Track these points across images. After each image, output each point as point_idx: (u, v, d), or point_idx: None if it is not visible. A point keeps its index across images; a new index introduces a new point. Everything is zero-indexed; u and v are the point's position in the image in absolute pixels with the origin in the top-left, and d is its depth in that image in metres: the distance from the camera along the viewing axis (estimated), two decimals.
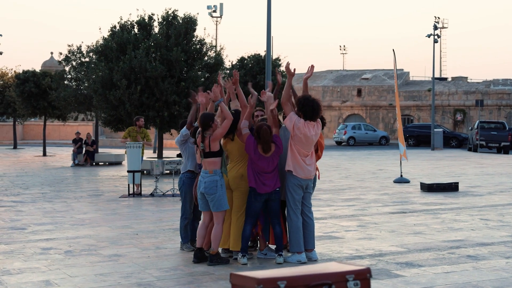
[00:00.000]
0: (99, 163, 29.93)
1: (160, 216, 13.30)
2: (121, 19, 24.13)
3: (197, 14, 24.22)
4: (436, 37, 45.05)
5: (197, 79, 23.07)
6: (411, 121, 56.41)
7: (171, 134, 29.27)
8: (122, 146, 28.36)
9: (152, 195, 16.75)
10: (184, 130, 9.63)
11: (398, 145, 21.13)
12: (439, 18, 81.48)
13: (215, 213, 8.68)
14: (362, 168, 26.43)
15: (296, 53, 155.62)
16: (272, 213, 8.84)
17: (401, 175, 20.48)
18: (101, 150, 34.95)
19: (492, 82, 57.13)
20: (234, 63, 33.55)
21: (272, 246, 9.32)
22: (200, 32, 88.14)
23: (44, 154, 36.17)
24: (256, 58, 32.29)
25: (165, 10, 24.15)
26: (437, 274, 8.05)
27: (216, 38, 75.45)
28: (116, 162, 29.91)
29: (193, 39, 23.89)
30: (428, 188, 17.33)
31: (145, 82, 22.62)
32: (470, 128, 46.56)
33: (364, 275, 3.30)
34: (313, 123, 8.82)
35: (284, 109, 8.91)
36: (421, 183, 17.96)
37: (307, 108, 8.70)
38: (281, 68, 33.14)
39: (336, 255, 9.25)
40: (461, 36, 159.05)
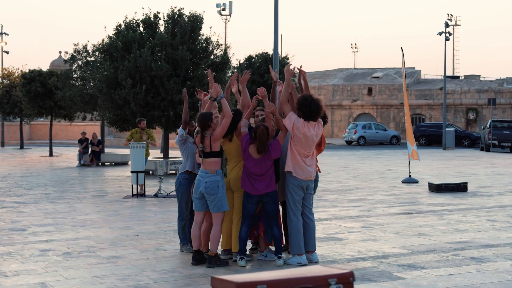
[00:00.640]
0: (105, 163, 30.00)
1: (162, 217, 13.29)
2: (126, 17, 24.17)
3: (203, 12, 24.23)
4: (447, 35, 44.83)
5: (203, 78, 23.02)
6: (423, 120, 56.22)
7: (177, 134, 29.28)
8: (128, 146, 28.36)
9: (156, 195, 16.76)
10: (180, 130, 9.62)
11: (407, 144, 21.04)
12: (451, 15, 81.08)
13: (215, 214, 8.65)
14: (371, 168, 26.36)
15: (307, 52, 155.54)
16: (268, 215, 8.80)
17: (410, 175, 20.40)
18: (107, 150, 35.03)
19: (505, 81, 56.83)
20: (242, 61, 33.53)
21: (273, 247, 9.29)
22: (206, 30, 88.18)
23: (51, 154, 36.26)
24: (264, 57, 32.27)
25: (171, 8, 24.17)
26: (439, 277, 8.00)
27: (225, 36, 75.51)
28: (122, 162, 29.97)
29: (199, 37, 23.88)
30: (436, 188, 17.25)
31: (150, 82, 22.64)
32: (482, 127, 46.35)
33: (347, 279, 3.27)
34: (314, 123, 8.78)
35: (284, 109, 8.88)
36: (429, 183, 17.89)
37: (304, 108, 8.68)
38: (291, 67, 33.14)
39: (337, 257, 9.21)
40: (474, 33, 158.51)
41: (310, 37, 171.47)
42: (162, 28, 24.13)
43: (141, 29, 24.21)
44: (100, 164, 29.67)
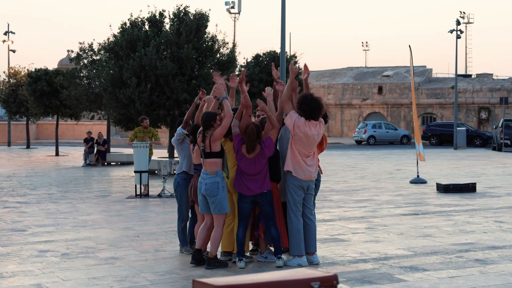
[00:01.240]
0: (111, 163, 30.02)
1: (164, 217, 13.28)
2: (131, 15, 24.19)
3: (209, 10, 24.20)
4: (459, 33, 44.62)
5: (209, 77, 22.99)
6: (434, 119, 56.00)
7: None
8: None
9: (159, 196, 16.75)
10: (179, 130, 9.59)
11: (415, 144, 20.95)
12: (464, 13, 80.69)
13: (216, 216, 8.62)
14: (379, 168, 26.27)
15: (316, 50, 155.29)
16: (265, 216, 8.76)
17: (418, 176, 20.30)
18: (114, 150, 35.08)
19: None
20: (249, 60, 33.50)
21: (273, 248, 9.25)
22: (212, 28, 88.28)
23: (57, 154, 36.34)
24: (271, 55, 32.23)
25: (176, 6, 24.16)
26: (441, 279, 7.94)
27: (234, 34, 75.56)
28: (128, 162, 29.95)
29: (205, 36, 23.87)
30: (444, 189, 17.16)
31: (156, 80, 22.64)
32: (494, 127, 46.12)
33: (330, 282, 3.22)
34: (315, 122, 8.74)
35: (285, 108, 8.83)
36: (437, 183, 17.79)
37: (304, 107, 8.64)
38: (297, 65, 33.07)
39: (339, 258, 9.16)
40: (488, 31, 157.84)
41: (320, 35, 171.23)
42: (167, 27, 24.12)
43: (147, 27, 24.22)
44: (105, 163, 29.69)
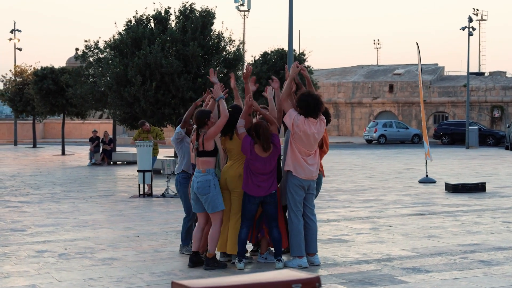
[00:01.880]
0: (117, 162, 30.03)
1: (166, 217, 13.24)
2: (137, 13, 24.17)
3: (215, 7, 24.15)
4: (471, 30, 44.38)
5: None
6: (446, 118, 55.75)
7: None
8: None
9: (163, 195, 16.72)
10: (178, 128, 9.55)
11: (423, 144, 20.84)
12: (477, 10, 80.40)
13: (212, 215, 8.56)
14: (388, 167, 26.15)
15: (327, 48, 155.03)
16: (269, 217, 8.70)
17: (427, 175, 20.18)
18: (120, 149, 35.09)
19: None
20: (256, 58, 33.43)
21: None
22: (218, 26, 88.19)
23: (63, 153, 36.41)
24: (279, 53, 32.13)
25: (182, 3, 24.12)
26: (443, 281, 7.85)
27: (244, 32, 75.50)
28: (134, 161, 29.88)
29: (211, 33, 23.81)
30: (453, 188, 17.04)
31: (161, 78, 22.61)
32: (507, 126, 45.86)
33: (312, 284, 3.16)
34: (315, 120, 8.65)
35: (284, 106, 8.76)
36: (445, 183, 17.68)
37: (303, 104, 8.56)
38: (306, 64, 32.97)
39: (341, 259, 9.09)
40: (502, 28, 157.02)
41: (331, 32, 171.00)
42: (173, 24, 24.08)
43: (152, 25, 24.19)
44: (111, 163, 29.71)
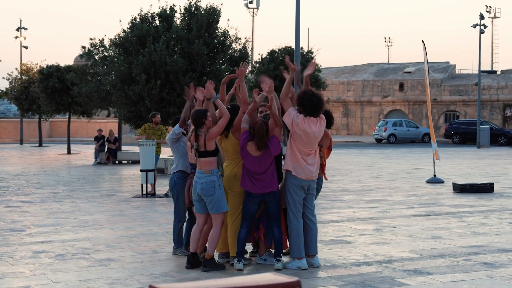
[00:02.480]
0: (122, 162, 30.02)
1: (168, 218, 13.17)
2: (141, 10, 24.16)
3: (221, 4, 24.10)
4: (482, 28, 44.18)
5: (220, 73, 22.93)
6: (457, 117, 55.53)
7: None
8: None
9: (166, 195, 16.69)
10: (177, 128, 9.51)
11: (431, 143, 20.74)
12: (490, 7, 80.00)
13: (214, 216, 8.52)
14: (396, 167, 26.04)
15: (337, 45, 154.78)
16: (270, 216, 8.66)
17: (434, 175, 20.06)
18: (126, 148, 35.10)
19: None
20: (264, 56, 33.39)
21: (273, 250, 9.13)
22: (224, 23, 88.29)
23: (69, 152, 36.45)
24: (287, 51, 32.06)
25: (188, 0, 24.08)
26: (445, 283, 7.78)
27: (252, 30, 75.51)
28: (139, 161, 29.86)
29: (216, 31, 23.77)
30: (460, 189, 16.94)
31: (165, 77, 22.59)
32: None
33: None
34: (315, 119, 8.59)
35: (283, 105, 8.71)
36: (453, 183, 17.57)
37: (305, 102, 8.49)
38: (314, 61, 32.90)
39: (341, 261, 9.03)
40: None
41: (341, 30, 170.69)
42: (178, 22, 24.05)
43: (157, 22, 24.17)
44: (116, 162, 29.71)
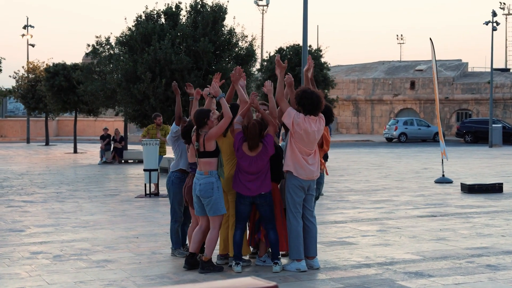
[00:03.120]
0: (128, 161, 30.06)
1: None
2: (147, 8, 24.15)
3: (227, 2, 24.04)
4: (495, 25, 43.94)
5: (226, 71, 22.86)
6: (469, 116, 55.27)
7: None
8: None
9: None
10: (174, 127, 9.49)
11: (439, 143, 20.64)
12: (504, 4, 79.53)
13: (212, 218, 8.51)
14: (406, 166, 25.94)
15: (347, 43, 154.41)
16: (263, 219, 8.62)
17: (443, 175, 19.96)
18: (132, 147, 35.14)
19: None
20: (272, 54, 33.32)
21: None
22: (230, 21, 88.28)
23: (75, 151, 36.52)
24: (295, 49, 31.97)
25: None
26: (445, 286, 7.73)
27: (262, 27, 75.49)
28: None
29: (222, 28, 23.73)
30: (468, 189, 16.85)
31: (171, 75, 22.57)
32: None
33: None
34: (315, 118, 8.55)
35: (281, 106, 8.67)
36: (461, 183, 17.47)
37: (305, 101, 8.45)
38: (322, 60, 32.79)
39: (342, 263, 8.99)
40: None
41: (352, 27, 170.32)
42: (184, 19, 24.02)
43: (163, 20, 24.15)
44: (122, 161, 29.75)
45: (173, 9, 24.15)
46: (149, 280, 8.11)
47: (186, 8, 24.18)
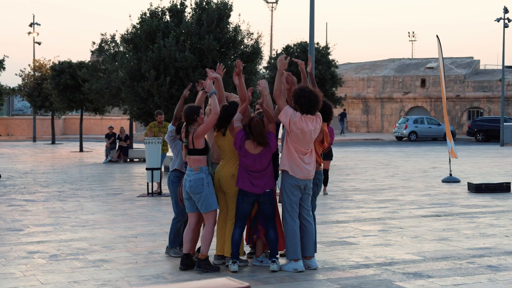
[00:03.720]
0: (134, 159, 30.10)
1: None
2: (151, 5, 24.15)
3: None
4: (506, 21, 43.74)
5: (231, 69, 22.83)
6: (481, 114, 55.07)
7: None
8: None
9: None
10: (170, 126, 9.50)
11: (447, 141, 20.55)
12: None
13: (205, 214, 8.51)
14: (414, 165, 25.86)
15: (357, 40, 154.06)
16: (265, 217, 8.61)
17: (450, 174, 19.89)
18: (137, 146, 35.16)
19: None
20: (279, 51, 33.30)
21: None
22: (235, 18, 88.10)
23: (81, 149, 36.60)
24: (302, 46, 31.92)
25: None
26: (444, 287, 7.70)
27: (271, 24, 75.56)
28: None
29: (227, 26, 23.71)
30: (475, 188, 16.78)
31: (175, 73, 22.58)
32: None
33: None
34: (312, 117, 8.53)
35: (278, 103, 8.65)
36: (468, 183, 17.40)
37: (302, 100, 8.43)
38: (330, 57, 32.73)
39: (340, 263, 8.96)
40: None
41: (362, 24, 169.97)
42: (188, 17, 24.01)
43: (167, 17, 24.15)
44: (127, 160, 29.79)
45: (178, 6, 24.15)
46: (144, 280, 8.11)
47: (191, 5, 24.17)
